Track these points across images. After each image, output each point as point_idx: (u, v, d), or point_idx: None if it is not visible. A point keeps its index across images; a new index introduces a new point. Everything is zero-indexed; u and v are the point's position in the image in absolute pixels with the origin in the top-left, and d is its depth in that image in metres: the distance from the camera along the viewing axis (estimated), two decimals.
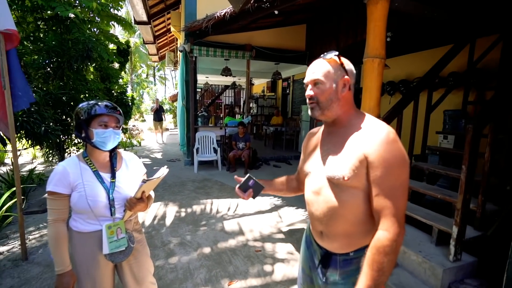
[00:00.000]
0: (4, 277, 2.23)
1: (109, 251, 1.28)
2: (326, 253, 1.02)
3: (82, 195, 1.22)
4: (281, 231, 3.11)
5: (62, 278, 1.21)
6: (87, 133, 1.24)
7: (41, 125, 3.75)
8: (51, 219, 1.22)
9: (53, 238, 1.22)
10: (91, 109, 1.22)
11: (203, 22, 4.93)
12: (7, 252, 2.60)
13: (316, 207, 1.01)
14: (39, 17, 4.68)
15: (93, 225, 1.28)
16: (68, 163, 1.25)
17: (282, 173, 5.10)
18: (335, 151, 0.95)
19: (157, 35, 10.48)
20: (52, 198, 1.21)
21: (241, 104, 13.43)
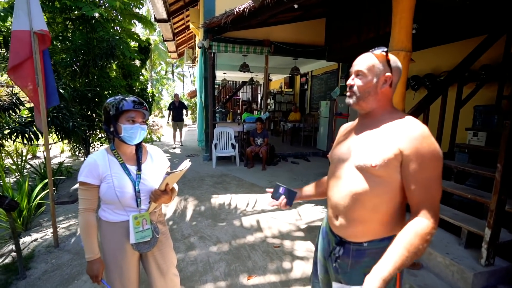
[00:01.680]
0: (39, 262, 2.38)
1: (135, 241, 1.32)
2: (340, 241, 1.05)
3: (111, 186, 1.27)
4: (300, 228, 3.09)
5: (92, 265, 1.28)
6: (115, 127, 1.28)
7: (69, 120, 3.93)
8: (82, 208, 1.28)
9: (84, 226, 1.28)
10: (118, 104, 1.26)
11: (222, 18, 4.94)
12: (41, 239, 2.77)
13: (336, 190, 1.04)
14: (67, 18, 4.88)
15: (120, 215, 1.33)
16: (97, 156, 1.30)
17: (300, 170, 5.08)
18: (366, 140, 0.98)
19: (176, 32, 10.64)
20: (83, 188, 1.27)
21: (258, 100, 13.41)
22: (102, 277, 1.30)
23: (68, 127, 3.90)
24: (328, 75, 8.52)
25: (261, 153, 5.44)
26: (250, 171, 5.43)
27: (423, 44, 4.68)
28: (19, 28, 2.35)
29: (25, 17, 2.34)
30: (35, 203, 3.04)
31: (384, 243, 0.96)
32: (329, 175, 1.12)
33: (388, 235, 0.97)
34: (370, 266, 0.93)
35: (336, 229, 1.07)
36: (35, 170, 4.34)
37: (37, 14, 2.38)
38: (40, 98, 2.48)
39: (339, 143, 1.12)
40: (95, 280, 1.29)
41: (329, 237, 1.12)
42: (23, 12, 2.34)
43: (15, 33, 2.35)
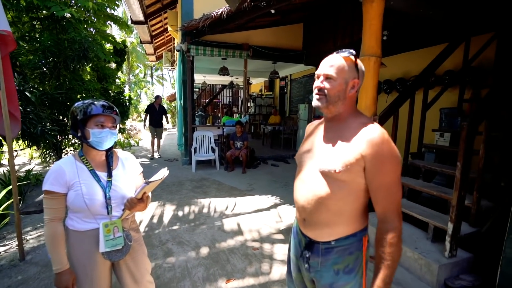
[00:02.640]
0: (1, 277, 2.23)
1: (105, 249, 1.28)
2: (309, 241, 1.07)
3: (79, 193, 1.22)
4: (280, 230, 3.12)
5: (61, 277, 1.22)
6: (83, 132, 1.24)
7: (37, 125, 3.73)
8: (47, 218, 1.22)
9: (50, 237, 1.22)
10: (87, 108, 1.22)
11: (199, 21, 4.93)
12: (4, 252, 2.59)
13: (302, 194, 1.06)
14: (35, 17, 4.65)
15: (90, 223, 1.28)
16: (64, 162, 1.25)
17: (280, 172, 5.15)
18: (330, 146, 1.01)
19: (154, 34, 10.44)
20: (49, 197, 1.21)
21: (239, 103, 13.44)
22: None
23: (36, 132, 3.70)
24: (307, 79, 8.73)
25: (241, 156, 5.45)
26: (230, 174, 5.42)
27: (394, 50, 4.95)
28: None
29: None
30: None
31: (350, 239, 1.02)
32: (296, 178, 1.14)
33: (353, 232, 1.02)
34: (339, 262, 1.01)
35: (304, 230, 1.10)
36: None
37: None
38: (2, 102, 2.34)
39: (305, 146, 1.15)
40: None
41: (300, 237, 1.15)
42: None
43: None
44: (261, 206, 3.81)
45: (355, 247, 1.01)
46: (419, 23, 3.53)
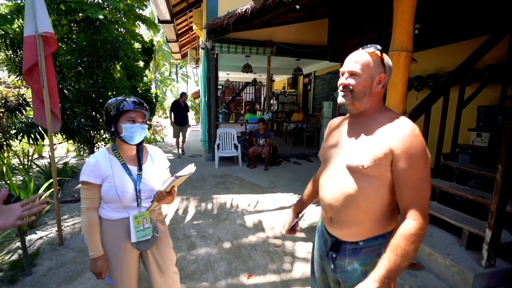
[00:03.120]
0: (44, 259, 2.43)
1: (136, 240, 1.35)
2: (336, 241, 1.05)
3: (112, 185, 1.29)
4: (302, 229, 3.09)
5: (96, 262, 1.30)
6: (116, 127, 1.30)
7: (74, 120, 3.99)
8: (84, 207, 1.31)
9: (86, 225, 1.30)
10: (119, 105, 1.29)
11: (224, 19, 4.98)
12: (46, 237, 2.82)
13: (329, 191, 1.04)
14: (72, 20, 4.95)
15: (120, 213, 1.35)
16: (99, 155, 1.33)
17: (302, 171, 5.09)
18: (357, 140, 0.98)
19: (180, 33, 10.72)
20: (85, 187, 1.29)
21: (261, 100, 13.44)
22: (105, 274, 1.33)
23: (72, 127, 3.96)
24: (331, 76, 8.51)
25: (263, 154, 5.46)
26: (252, 171, 5.45)
27: (426, 44, 4.67)
28: (28, 34, 2.41)
29: (31, 22, 2.39)
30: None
31: (378, 240, 0.98)
32: (322, 175, 1.12)
33: (382, 233, 0.98)
34: (367, 264, 0.98)
35: (330, 229, 1.07)
36: (41, 170, 4.41)
37: (42, 17, 2.42)
38: (45, 99, 2.52)
39: (329, 142, 1.12)
40: (99, 277, 1.31)
41: (325, 237, 1.13)
42: (29, 17, 2.39)
43: (25, 39, 2.42)
44: (283, 204, 3.80)
45: (384, 249, 0.97)
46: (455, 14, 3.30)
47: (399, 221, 0.90)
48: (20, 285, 2.10)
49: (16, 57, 4.08)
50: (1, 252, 2.54)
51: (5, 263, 2.36)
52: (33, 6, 2.37)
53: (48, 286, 2.10)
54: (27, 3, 2.38)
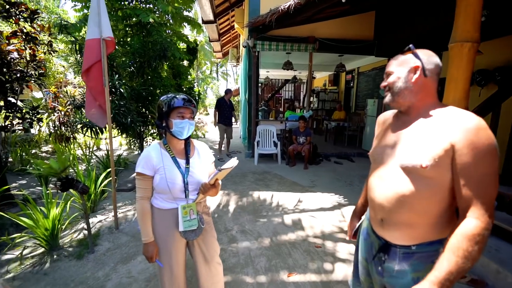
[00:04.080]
0: (104, 240, 2.71)
1: (183, 229, 1.43)
2: (385, 244, 1.00)
3: (163, 177, 1.38)
4: (343, 230, 2.99)
5: (147, 247, 1.42)
6: (167, 123, 1.40)
7: (127, 116, 4.36)
8: (138, 196, 1.42)
9: (140, 212, 1.42)
10: (170, 101, 1.38)
11: (266, 16, 4.99)
12: (104, 220, 3.14)
13: (380, 192, 0.99)
14: (127, 24, 5.39)
15: (170, 203, 1.45)
16: (152, 149, 1.43)
17: (343, 171, 4.91)
18: (412, 138, 0.93)
19: (221, 32, 11.02)
20: (140, 178, 1.41)
21: (301, 98, 13.23)
22: (156, 258, 1.44)
23: (126, 123, 4.33)
24: (377, 72, 8.03)
25: (303, 152, 5.38)
26: (291, 169, 5.41)
27: (494, 33, 4.14)
28: (90, 37, 2.68)
29: (95, 28, 2.66)
30: (100, 189, 3.45)
31: (434, 246, 0.91)
32: (372, 175, 1.07)
33: (438, 238, 0.91)
34: (420, 270, 0.92)
35: (380, 231, 1.02)
36: (100, 161, 4.91)
37: (105, 23, 2.69)
38: (106, 97, 2.79)
39: (380, 141, 1.07)
40: (150, 260, 1.43)
41: (372, 239, 1.08)
42: (94, 23, 2.66)
43: (87, 42, 2.70)
44: (323, 204, 3.70)
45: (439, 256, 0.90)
46: None
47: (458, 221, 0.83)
48: (85, 260, 2.38)
49: (82, 61, 4.58)
50: (70, 231, 2.89)
51: (73, 241, 2.69)
52: (99, 13, 2.64)
53: (107, 264, 2.34)
54: (93, 11, 2.66)
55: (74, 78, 8.47)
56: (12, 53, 4.44)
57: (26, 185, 4.31)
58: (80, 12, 5.33)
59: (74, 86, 7.89)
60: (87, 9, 5.14)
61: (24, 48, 4.77)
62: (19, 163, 5.20)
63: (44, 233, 2.45)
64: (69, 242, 2.67)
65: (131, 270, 2.27)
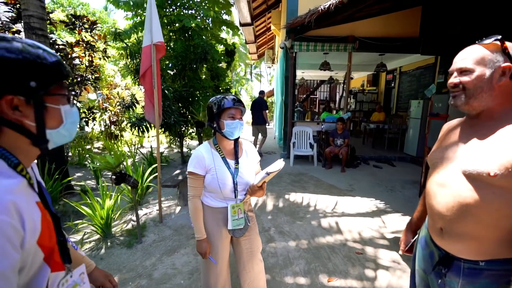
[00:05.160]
0: (150, 232, 2.90)
1: (231, 227, 1.48)
2: (445, 255, 0.92)
3: (214, 177, 1.41)
4: (385, 237, 2.85)
5: (201, 244, 1.46)
6: (218, 124, 1.42)
7: (171, 116, 4.62)
8: (191, 195, 1.46)
9: (193, 211, 1.46)
10: (220, 102, 1.39)
11: (305, 17, 4.94)
12: (149, 214, 3.36)
13: (439, 199, 0.91)
14: (171, 30, 5.72)
15: (220, 202, 1.49)
16: (204, 149, 1.46)
17: (384, 175, 4.67)
18: (479, 144, 0.84)
19: (258, 34, 11.16)
20: (192, 177, 1.44)
21: (336, 99, 12.86)
22: (209, 254, 1.49)
23: (170, 122, 4.60)
24: (421, 71, 7.51)
25: (340, 154, 5.23)
26: (328, 172, 5.29)
27: None
28: (145, 44, 2.90)
29: (148, 35, 2.87)
30: (146, 184, 3.70)
31: (510, 265, 0.81)
32: (430, 180, 1.00)
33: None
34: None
35: (439, 241, 0.95)
36: (144, 157, 5.26)
37: (156, 29, 2.88)
38: (155, 98, 3.00)
39: (443, 144, 0.99)
40: (204, 256, 1.47)
41: (431, 249, 1.01)
42: (148, 30, 2.87)
43: (143, 49, 2.92)
44: (362, 209, 3.57)
45: None
46: None
47: None
48: (134, 250, 2.57)
49: (131, 65, 4.96)
50: (120, 222, 3.15)
51: (123, 230, 2.92)
52: (151, 21, 2.84)
53: (154, 254, 2.50)
54: (147, 19, 2.87)
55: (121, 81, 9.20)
56: (75, 60, 4.97)
57: (82, 178, 4.78)
58: (130, 20, 5.78)
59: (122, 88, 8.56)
60: (136, 17, 5.57)
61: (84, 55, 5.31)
62: (77, 158, 5.78)
63: (100, 222, 2.70)
64: (120, 232, 2.91)
65: (175, 262, 2.40)
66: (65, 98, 0.66)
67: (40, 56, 0.59)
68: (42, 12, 3.45)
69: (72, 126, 0.68)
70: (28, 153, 0.63)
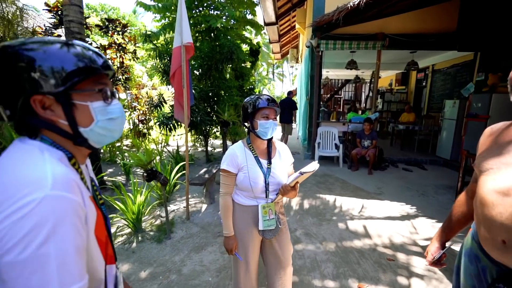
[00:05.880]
0: (178, 229, 2.98)
1: (262, 228, 1.46)
2: (508, 271, 0.83)
3: (246, 176, 1.42)
4: (417, 244, 2.71)
5: (228, 240, 1.48)
6: (252, 123, 1.42)
7: (197, 116, 4.71)
8: (222, 192, 1.48)
9: (223, 207, 1.48)
10: (255, 102, 1.39)
11: (333, 14, 4.82)
12: (176, 210, 3.45)
13: (502, 209, 0.82)
14: (197, 30, 5.83)
15: (251, 201, 1.48)
16: (237, 147, 1.47)
17: (414, 179, 4.45)
18: None
19: (281, 34, 11.08)
20: (225, 175, 1.46)
21: (362, 99, 12.47)
22: (236, 251, 1.50)
23: (196, 121, 4.69)
24: (458, 69, 7.06)
25: (368, 156, 5.05)
26: (354, 174, 5.13)
27: None
28: (175, 46, 2.97)
29: (178, 37, 2.94)
30: (174, 181, 3.80)
31: None
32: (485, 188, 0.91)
33: None
34: None
35: (500, 256, 0.86)
36: (170, 155, 5.41)
37: (186, 30, 2.94)
38: (185, 98, 3.06)
39: (496, 149, 0.90)
40: (230, 252, 1.49)
41: (484, 264, 0.92)
42: (178, 32, 2.94)
43: (173, 50, 3.00)
44: (391, 213, 3.42)
45: None
46: None
47: None
48: (164, 245, 2.65)
49: (160, 65, 5.12)
50: (149, 217, 3.26)
51: (153, 226, 3.03)
52: (181, 22, 2.91)
53: (182, 251, 2.56)
54: (177, 21, 2.94)
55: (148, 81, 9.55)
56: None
57: (113, 173, 5.02)
58: (159, 22, 5.97)
59: (149, 88, 8.87)
60: (164, 19, 5.74)
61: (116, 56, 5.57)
62: (108, 154, 6.07)
63: (131, 216, 2.81)
64: (150, 227, 3.01)
65: (203, 259, 2.44)
66: (100, 94, 0.62)
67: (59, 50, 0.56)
68: (81, 17, 3.66)
69: (109, 124, 0.64)
70: (78, 150, 0.64)
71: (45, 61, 0.54)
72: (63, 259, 0.48)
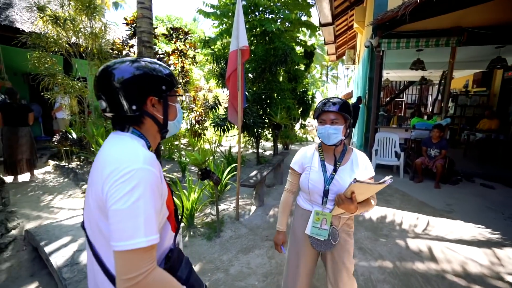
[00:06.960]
0: (227, 228, 3.05)
1: (309, 233, 1.40)
2: None
3: (307, 177, 1.41)
4: (502, 278, 2.26)
5: (278, 235, 1.55)
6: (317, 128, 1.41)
7: (250, 118, 4.79)
8: (286, 188, 1.57)
9: (281, 202, 1.56)
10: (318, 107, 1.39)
11: (398, 10, 4.41)
12: (226, 210, 3.54)
13: None
14: (253, 34, 5.95)
15: (308, 204, 1.46)
16: (308, 149, 1.50)
17: (497, 197, 3.80)
18: None
19: (337, 34, 10.62)
20: (290, 172, 1.53)
21: (428, 102, 11.17)
22: (284, 247, 1.56)
23: (249, 123, 4.77)
24: None
25: (435, 168, 4.46)
26: (417, 186, 4.58)
27: None
28: (232, 49, 3.07)
29: (235, 41, 3.02)
30: (225, 181, 3.92)
31: None
32: None
33: None
34: None
35: None
36: (223, 155, 5.61)
37: (242, 34, 3.01)
38: (239, 100, 3.13)
39: None
40: (276, 247, 1.55)
41: None
42: (234, 37, 3.02)
43: (230, 54, 3.09)
44: (465, 236, 2.94)
45: None
46: None
47: None
48: (213, 243, 2.74)
49: (216, 69, 5.37)
50: (200, 214, 3.41)
51: (203, 223, 3.16)
52: (238, 27, 2.98)
53: (230, 251, 2.61)
54: (234, 26, 3.02)
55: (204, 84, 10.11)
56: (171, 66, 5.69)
57: (171, 170, 5.41)
58: (217, 28, 6.28)
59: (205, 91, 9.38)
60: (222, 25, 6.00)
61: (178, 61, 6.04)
62: (167, 152, 6.60)
63: (186, 212, 2.98)
64: (201, 223, 3.15)
65: (250, 261, 2.44)
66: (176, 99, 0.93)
67: (164, 69, 0.86)
68: (151, 28, 4.04)
69: (180, 119, 0.95)
70: (154, 138, 0.88)
71: (163, 77, 0.84)
72: (148, 215, 0.67)
